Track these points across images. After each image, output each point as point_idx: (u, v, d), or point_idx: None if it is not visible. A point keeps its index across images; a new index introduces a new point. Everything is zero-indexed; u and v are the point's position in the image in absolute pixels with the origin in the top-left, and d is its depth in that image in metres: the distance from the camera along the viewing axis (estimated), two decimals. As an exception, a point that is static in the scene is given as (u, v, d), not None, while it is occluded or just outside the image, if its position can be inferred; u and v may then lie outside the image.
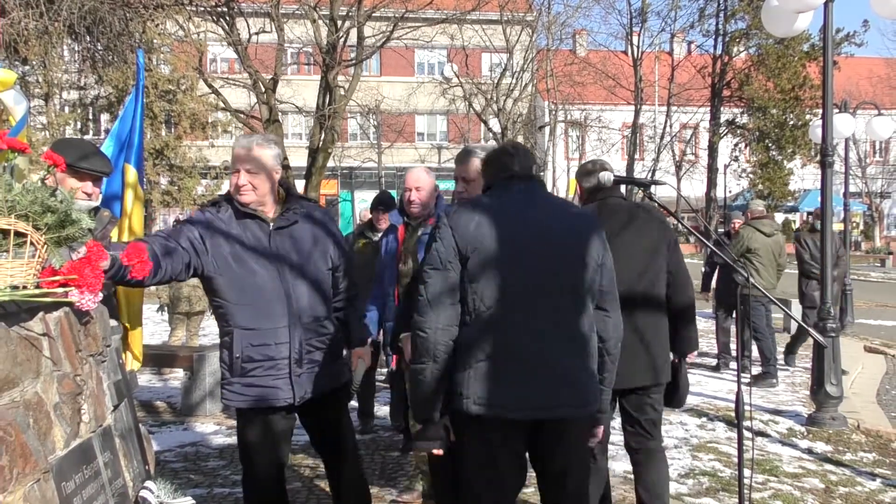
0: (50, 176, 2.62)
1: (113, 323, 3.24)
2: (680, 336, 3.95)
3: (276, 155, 3.45)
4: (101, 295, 2.32)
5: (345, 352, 3.72)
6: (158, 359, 7.95)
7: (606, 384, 3.07)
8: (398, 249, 4.64)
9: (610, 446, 6.24)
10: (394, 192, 8.19)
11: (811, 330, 3.76)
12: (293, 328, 3.38)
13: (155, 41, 13.45)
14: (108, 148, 4.59)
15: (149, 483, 2.70)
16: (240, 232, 3.39)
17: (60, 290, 2.25)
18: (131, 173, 4.86)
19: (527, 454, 3.01)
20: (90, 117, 26.53)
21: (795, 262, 9.59)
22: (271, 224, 3.43)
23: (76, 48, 12.86)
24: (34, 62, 13.57)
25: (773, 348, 8.90)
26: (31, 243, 2.19)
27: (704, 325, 13.54)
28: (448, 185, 5.28)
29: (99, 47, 11.24)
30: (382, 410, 7.08)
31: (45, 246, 2.24)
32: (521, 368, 2.82)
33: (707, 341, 11.78)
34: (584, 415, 2.95)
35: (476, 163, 3.61)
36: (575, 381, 2.89)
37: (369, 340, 3.87)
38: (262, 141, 3.44)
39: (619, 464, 5.81)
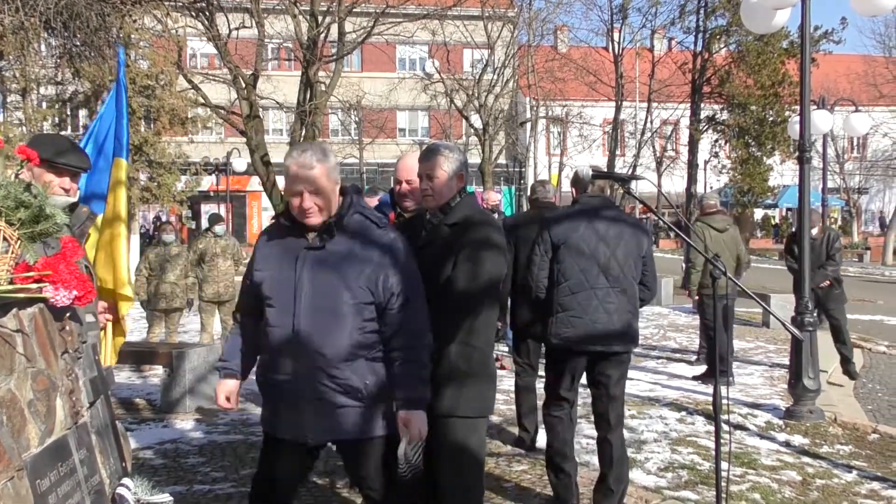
0: (25, 171, 2.59)
1: (90, 319, 3.22)
2: None
3: (335, 165, 3.11)
4: (74, 293, 2.29)
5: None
6: (137, 356, 7.90)
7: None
8: None
9: (592, 442, 6.29)
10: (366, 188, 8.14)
11: (788, 325, 3.79)
12: (299, 365, 3.04)
13: (133, 36, 13.36)
14: (86, 148, 4.58)
15: (126, 480, 2.69)
16: (277, 250, 3.16)
17: (34, 286, 2.23)
18: (124, 166, 4.88)
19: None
20: (68, 113, 26.29)
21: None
22: (308, 241, 3.10)
23: (53, 43, 12.72)
24: (10, 57, 13.42)
25: (725, 346, 8.86)
26: (5, 238, 2.17)
27: (685, 321, 13.64)
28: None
29: (76, 42, 11.12)
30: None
31: (19, 241, 2.22)
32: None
33: (687, 336, 11.87)
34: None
35: (441, 160, 3.49)
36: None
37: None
38: (320, 155, 3.06)
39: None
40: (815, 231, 9.06)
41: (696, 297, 8.76)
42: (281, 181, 14.30)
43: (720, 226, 8.74)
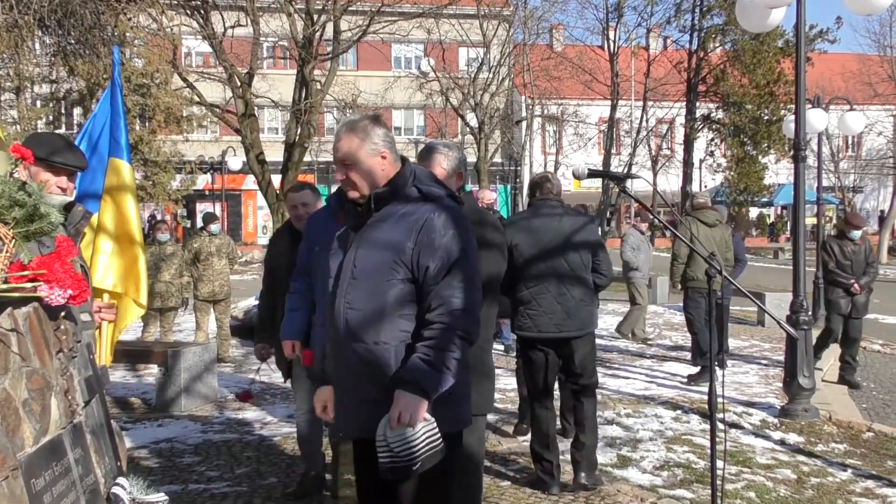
0: (21, 169, 2.58)
1: (85, 318, 3.21)
2: None
3: (377, 136, 2.87)
4: (69, 292, 2.29)
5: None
6: (132, 355, 7.89)
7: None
8: None
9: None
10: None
11: (783, 323, 3.79)
12: (337, 349, 2.85)
13: (128, 35, 13.30)
14: (80, 146, 4.57)
15: (121, 479, 2.68)
16: (334, 225, 3.09)
17: (29, 284, 2.22)
18: (126, 169, 4.85)
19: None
20: (62, 111, 26.22)
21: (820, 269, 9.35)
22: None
23: (47, 41, 12.69)
24: (4, 55, 13.38)
25: (714, 343, 8.68)
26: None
27: (680, 319, 13.65)
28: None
29: (71, 41, 11.09)
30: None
31: (14, 240, 2.22)
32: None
33: (682, 335, 11.88)
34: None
35: (440, 158, 3.49)
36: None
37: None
38: (353, 125, 2.89)
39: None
40: (857, 234, 8.95)
41: (682, 290, 8.77)
42: (276, 179, 14.24)
43: (710, 220, 8.65)
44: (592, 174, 3.74)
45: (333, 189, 3.69)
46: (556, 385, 5.53)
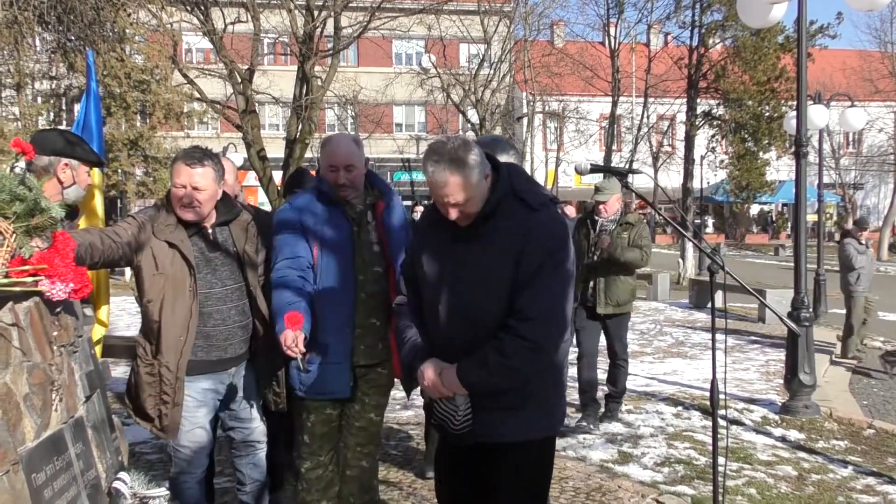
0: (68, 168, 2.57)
1: (88, 312, 3.21)
2: None
3: (476, 159, 2.72)
4: (70, 286, 2.28)
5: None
6: (133, 350, 7.86)
7: None
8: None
9: (588, 437, 6.30)
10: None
11: (786, 319, 3.79)
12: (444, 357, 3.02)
13: (128, 31, 13.29)
14: None
15: (122, 474, 2.68)
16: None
17: (30, 279, 2.22)
18: (96, 175, 4.74)
19: None
20: (63, 108, 26.19)
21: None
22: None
23: (47, 38, 12.68)
24: (4, 52, 13.35)
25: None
26: (0, 233, 2.16)
27: (681, 315, 13.67)
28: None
29: (70, 37, 11.08)
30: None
31: (14, 235, 2.21)
32: None
33: (683, 331, 11.89)
34: None
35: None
36: None
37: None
38: (454, 164, 2.70)
39: (597, 452, 5.85)
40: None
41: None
42: (277, 176, 14.16)
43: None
44: (595, 169, 3.72)
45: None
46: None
